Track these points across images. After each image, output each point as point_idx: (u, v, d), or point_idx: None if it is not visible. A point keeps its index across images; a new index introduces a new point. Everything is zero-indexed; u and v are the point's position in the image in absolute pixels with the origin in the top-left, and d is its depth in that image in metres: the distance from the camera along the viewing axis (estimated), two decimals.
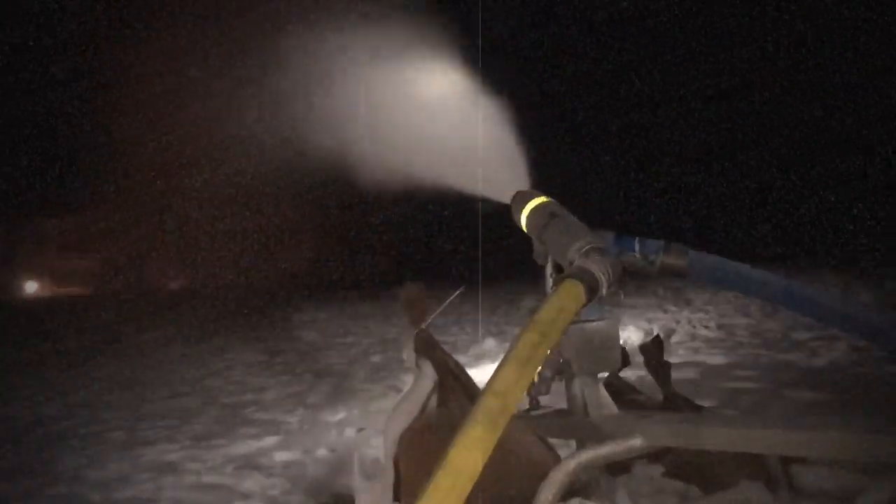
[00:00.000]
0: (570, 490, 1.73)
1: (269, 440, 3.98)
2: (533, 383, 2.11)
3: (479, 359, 5.72)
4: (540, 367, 1.95)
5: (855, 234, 12.25)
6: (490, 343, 6.44)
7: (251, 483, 3.26)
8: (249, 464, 3.57)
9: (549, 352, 1.53)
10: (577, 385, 1.89)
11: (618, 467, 2.07)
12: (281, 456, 3.64)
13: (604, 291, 1.72)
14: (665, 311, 7.92)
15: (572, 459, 1.67)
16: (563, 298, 1.60)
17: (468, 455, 1.21)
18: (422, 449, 1.87)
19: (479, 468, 1.22)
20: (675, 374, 2.42)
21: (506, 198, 2.29)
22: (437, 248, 15.90)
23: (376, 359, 6.52)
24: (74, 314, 11.83)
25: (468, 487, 1.19)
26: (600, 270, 1.68)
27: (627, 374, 2.65)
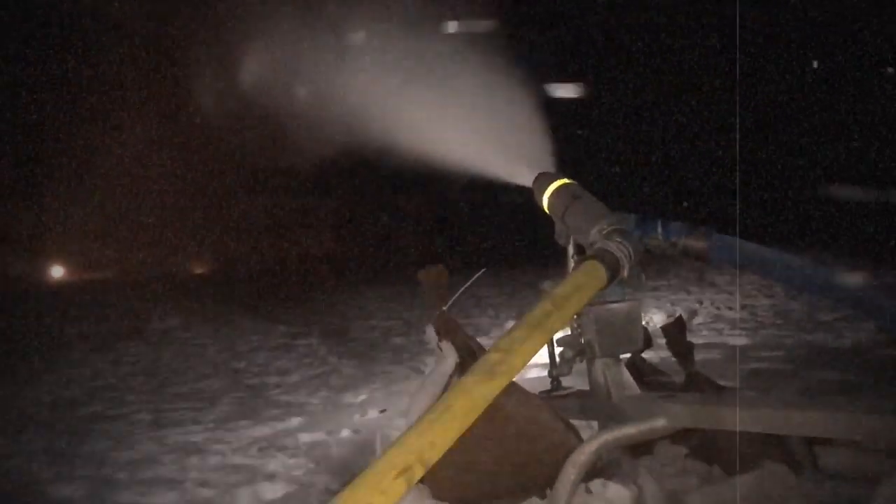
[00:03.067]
0: (593, 471, 1.74)
1: (293, 421, 4.02)
2: (554, 364, 2.12)
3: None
4: (556, 340, 1.96)
5: (853, 222, 12.11)
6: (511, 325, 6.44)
7: (275, 464, 3.29)
8: (273, 445, 3.60)
9: (562, 325, 1.54)
10: (599, 366, 1.89)
11: (640, 448, 2.07)
12: (305, 437, 3.67)
13: (625, 273, 1.72)
14: (687, 293, 7.88)
15: (595, 440, 1.68)
16: (583, 277, 1.61)
17: (462, 397, 1.24)
18: None
19: (472, 412, 1.24)
20: (698, 356, 2.41)
21: (527, 180, 2.29)
22: (458, 230, 15.88)
23: (398, 341, 6.55)
24: (100, 298, 11.95)
25: (458, 426, 1.21)
26: (622, 252, 1.68)
27: (649, 355, 2.64)
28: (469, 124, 2.38)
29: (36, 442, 4.06)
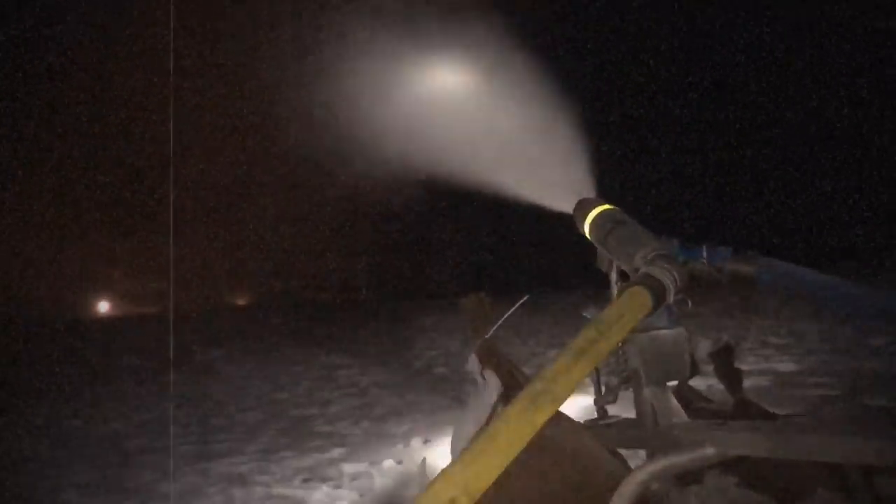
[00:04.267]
0: (641, 501, 1.70)
1: (336, 452, 4.01)
2: (599, 392, 2.09)
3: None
4: (601, 368, 1.93)
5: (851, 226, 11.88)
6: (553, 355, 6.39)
7: (320, 495, 3.29)
8: (317, 476, 3.60)
9: (607, 352, 1.52)
10: (645, 394, 1.86)
11: (689, 477, 2.02)
12: (348, 467, 3.66)
13: (671, 298, 1.69)
14: (733, 318, 7.76)
15: (643, 470, 1.64)
16: (628, 303, 1.58)
17: (506, 427, 1.23)
18: None
19: (517, 442, 1.23)
20: (746, 382, 2.36)
21: (568, 207, 2.28)
22: (501, 257, 15.87)
23: (440, 370, 6.53)
24: (145, 332, 12.12)
25: (503, 457, 1.20)
26: (667, 277, 1.65)
27: (697, 382, 2.60)
28: (510, 150, 2.38)
29: (85, 474, 4.10)
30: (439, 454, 3.50)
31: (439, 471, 1.17)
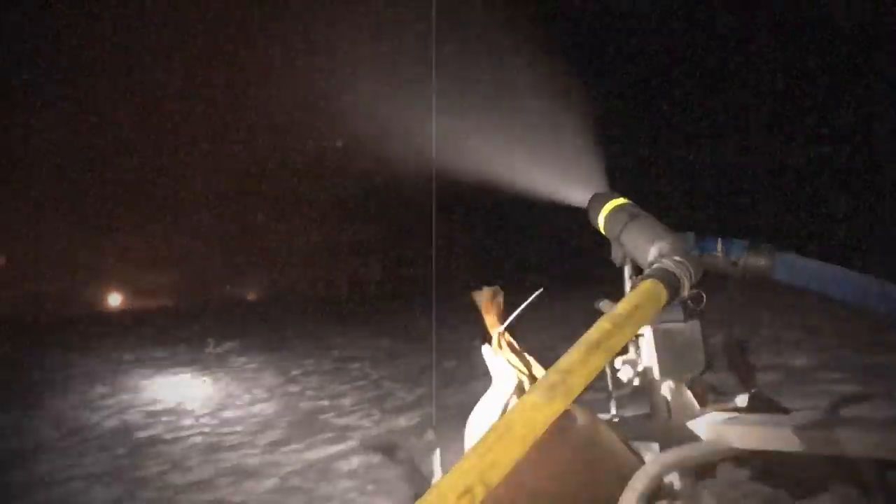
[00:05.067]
0: (655, 494, 1.70)
1: (348, 444, 4.03)
2: (614, 386, 2.09)
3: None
4: (615, 361, 1.93)
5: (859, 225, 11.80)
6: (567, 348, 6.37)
7: (332, 487, 3.30)
8: (329, 468, 3.61)
9: (621, 345, 1.52)
10: (659, 387, 1.86)
11: (702, 471, 2.02)
12: (360, 460, 3.68)
13: (685, 292, 1.69)
14: (747, 312, 7.73)
15: (656, 463, 1.65)
16: (642, 296, 1.58)
17: (521, 418, 1.23)
18: None
19: (532, 433, 1.23)
20: (759, 377, 2.36)
21: (582, 201, 2.27)
22: (514, 251, 15.85)
23: (450, 364, 6.54)
24: (156, 325, 12.17)
25: (518, 448, 1.20)
26: (681, 271, 1.65)
27: (710, 376, 2.59)
28: (522, 143, 2.38)
29: (97, 464, 4.13)
30: (451, 447, 3.51)
31: (451, 463, 1.18)
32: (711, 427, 1.78)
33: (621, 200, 2.06)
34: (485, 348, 2.12)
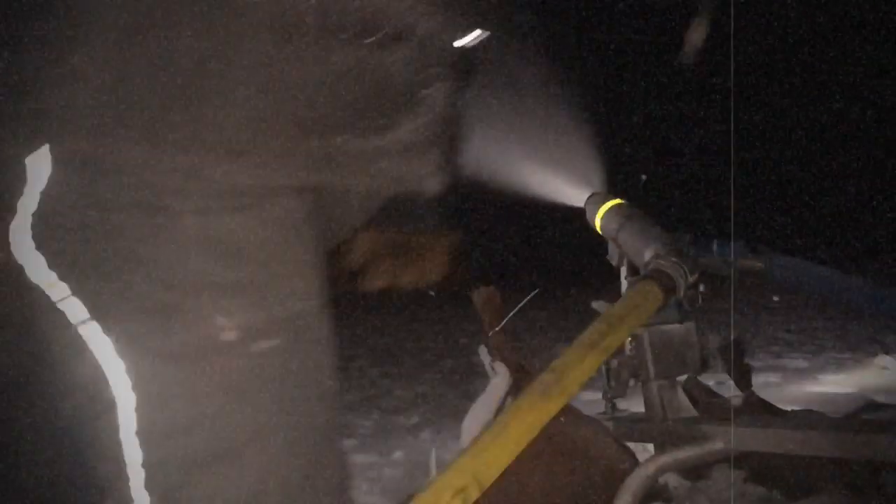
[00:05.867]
0: (649, 494, 1.71)
1: (346, 443, 4.03)
2: (609, 386, 2.10)
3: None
4: (611, 361, 1.94)
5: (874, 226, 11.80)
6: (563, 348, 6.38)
7: None
8: None
9: (617, 345, 1.53)
10: (654, 388, 1.87)
11: (697, 472, 2.03)
12: (357, 458, 3.68)
13: (681, 293, 1.70)
14: (743, 313, 7.74)
15: (651, 463, 1.66)
16: (638, 297, 1.59)
17: (516, 418, 1.24)
18: None
19: (527, 433, 1.24)
20: (756, 378, 2.36)
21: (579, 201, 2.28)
22: (511, 251, 15.85)
23: (449, 363, 6.54)
24: None
25: (513, 447, 1.21)
26: (677, 272, 1.66)
27: (706, 377, 2.60)
28: (521, 143, 2.38)
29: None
30: (448, 446, 3.52)
31: (448, 462, 1.19)
32: (706, 428, 1.78)
33: (618, 201, 2.08)
34: (481, 348, 2.13)
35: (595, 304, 1.87)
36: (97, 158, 1.01)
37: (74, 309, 1.00)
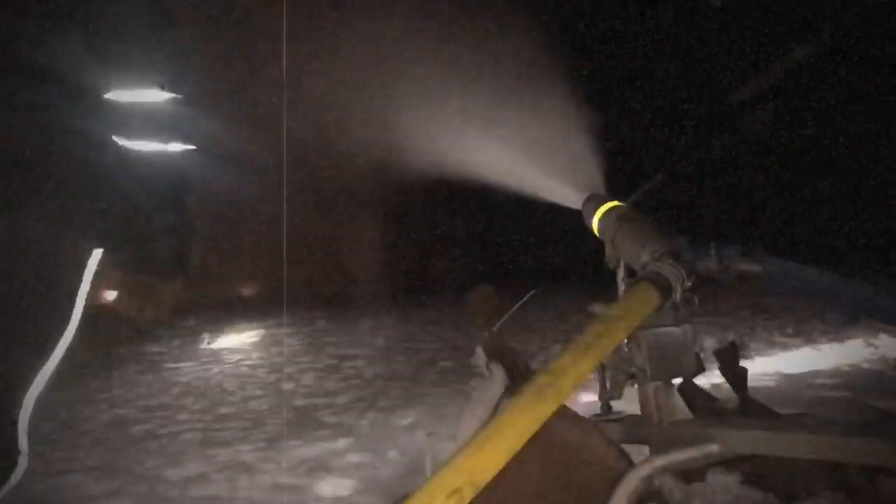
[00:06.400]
0: (643, 497, 1.71)
1: (341, 442, 4.03)
2: (604, 388, 2.10)
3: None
4: (607, 364, 1.94)
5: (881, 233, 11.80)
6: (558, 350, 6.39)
7: (324, 484, 3.31)
8: (322, 465, 3.62)
9: (612, 348, 1.53)
10: (650, 390, 1.87)
11: (692, 475, 2.03)
12: (353, 458, 3.68)
13: (677, 296, 1.70)
14: (740, 317, 7.75)
15: (646, 465, 1.66)
16: (634, 299, 1.59)
17: (511, 419, 1.24)
18: None
19: (522, 434, 1.24)
20: (751, 382, 2.36)
21: (577, 203, 2.28)
22: (504, 252, 15.83)
23: (445, 364, 6.54)
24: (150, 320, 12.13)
25: (508, 449, 1.21)
26: (673, 275, 1.66)
27: (702, 380, 2.60)
28: (518, 143, 2.39)
29: (91, 458, 4.13)
30: (443, 446, 3.51)
31: (443, 462, 1.19)
32: (702, 431, 1.78)
33: (616, 203, 2.08)
34: (477, 349, 2.13)
35: (594, 308, 1.87)
36: None
37: None
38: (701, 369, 2.23)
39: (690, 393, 2.34)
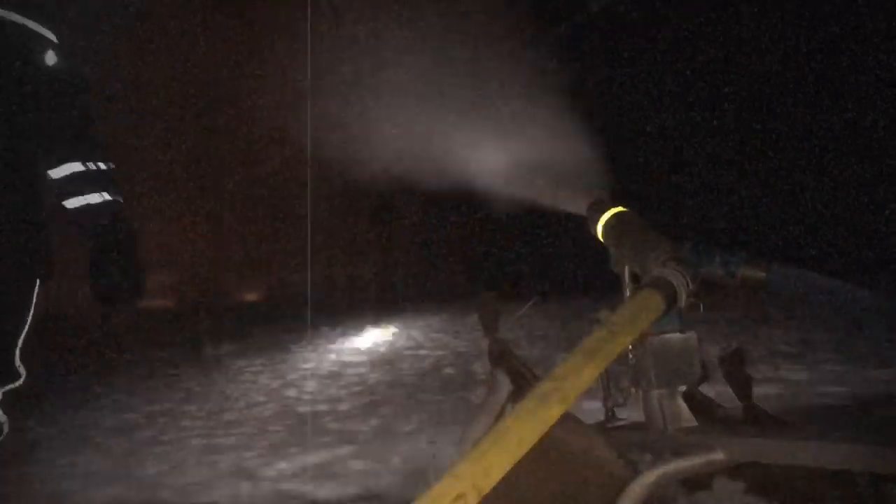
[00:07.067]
0: None
1: (344, 449, 4.02)
2: (609, 394, 2.09)
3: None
4: (611, 369, 1.93)
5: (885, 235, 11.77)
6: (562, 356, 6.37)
7: (327, 491, 3.30)
8: (325, 472, 3.61)
9: (617, 354, 1.52)
10: (654, 397, 1.86)
11: (697, 482, 2.02)
12: (356, 465, 3.67)
13: (682, 302, 1.69)
14: (744, 323, 7.72)
15: (651, 473, 1.65)
16: (639, 305, 1.59)
17: (515, 426, 1.24)
18: None
19: (527, 440, 1.23)
20: (756, 390, 2.35)
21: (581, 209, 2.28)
22: (508, 259, 15.83)
23: (448, 371, 6.53)
24: (155, 326, 12.15)
25: (512, 455, 1.21)
26: (679, 281, 1.65)
27: (706, 388, 2.59)
28: (518, 147, 2.38)
29: (93, 464, 4.13)
30: (447, 453, 3.50)
31: (447, 469, 1.18)
32: (707, 438, 1.77)
33: (620, 209, 2.07)
34: (482, 355, 2.12)
35: (598, 314, 1.86)
36: None
37: None
38: (706, 376, 2.22)
39: (695, 400, 2.33)
